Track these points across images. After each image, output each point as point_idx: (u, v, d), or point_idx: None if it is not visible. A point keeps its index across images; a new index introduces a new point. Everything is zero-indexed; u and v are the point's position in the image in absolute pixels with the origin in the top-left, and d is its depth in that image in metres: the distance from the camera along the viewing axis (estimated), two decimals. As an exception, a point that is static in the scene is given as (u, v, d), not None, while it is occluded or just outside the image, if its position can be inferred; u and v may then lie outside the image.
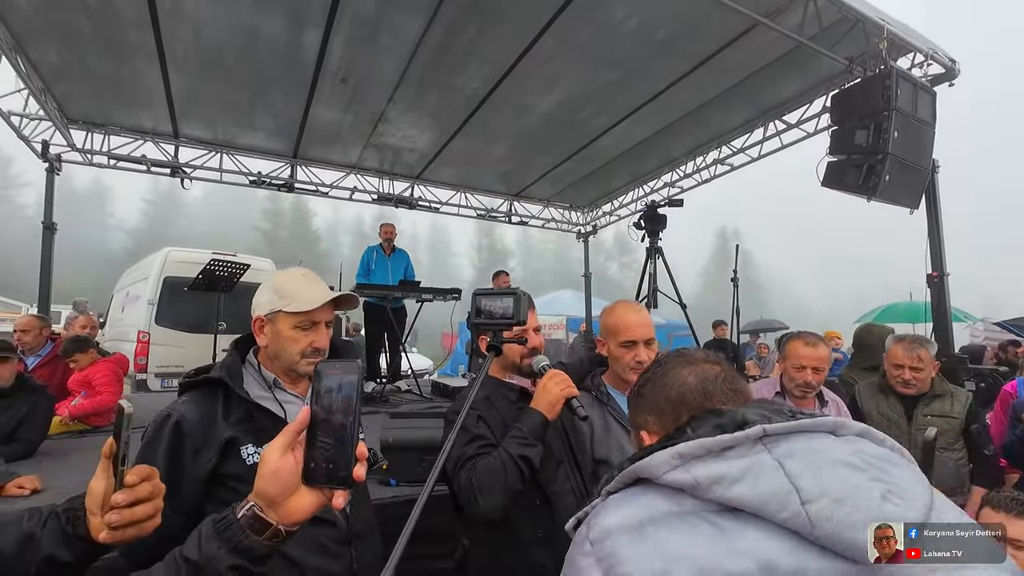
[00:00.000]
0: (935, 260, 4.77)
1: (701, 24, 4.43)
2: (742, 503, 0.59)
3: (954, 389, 2.56)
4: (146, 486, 0.75)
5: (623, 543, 0.62)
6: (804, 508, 0.56)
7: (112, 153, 6.42)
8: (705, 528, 0.60)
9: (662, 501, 0.64)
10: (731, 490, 0.60)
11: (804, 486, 0.58)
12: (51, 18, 4.30)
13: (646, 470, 0.67)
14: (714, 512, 0.61)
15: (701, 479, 0.62)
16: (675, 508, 0.63)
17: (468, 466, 1.43)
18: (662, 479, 0.65)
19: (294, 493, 0.67)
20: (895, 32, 4.34)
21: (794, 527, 0.56)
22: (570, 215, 10.14)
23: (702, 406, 0.80)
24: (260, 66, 5.00)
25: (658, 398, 0.87)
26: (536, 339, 1.64)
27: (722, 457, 0.63)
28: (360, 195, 8.13)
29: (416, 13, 4.28)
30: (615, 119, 6.21)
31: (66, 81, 5.30)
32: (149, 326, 6.66)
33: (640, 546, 0.61)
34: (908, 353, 2.48)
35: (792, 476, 0.59)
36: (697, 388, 0.83)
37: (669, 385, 0.86)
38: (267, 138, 6.81)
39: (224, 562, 0.65)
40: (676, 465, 0.65)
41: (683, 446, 0.65)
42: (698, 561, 0.56)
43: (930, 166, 4.57)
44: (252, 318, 1.34)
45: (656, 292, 5.29)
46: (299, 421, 0.68)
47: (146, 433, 1.19)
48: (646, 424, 0.88)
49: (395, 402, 4.98)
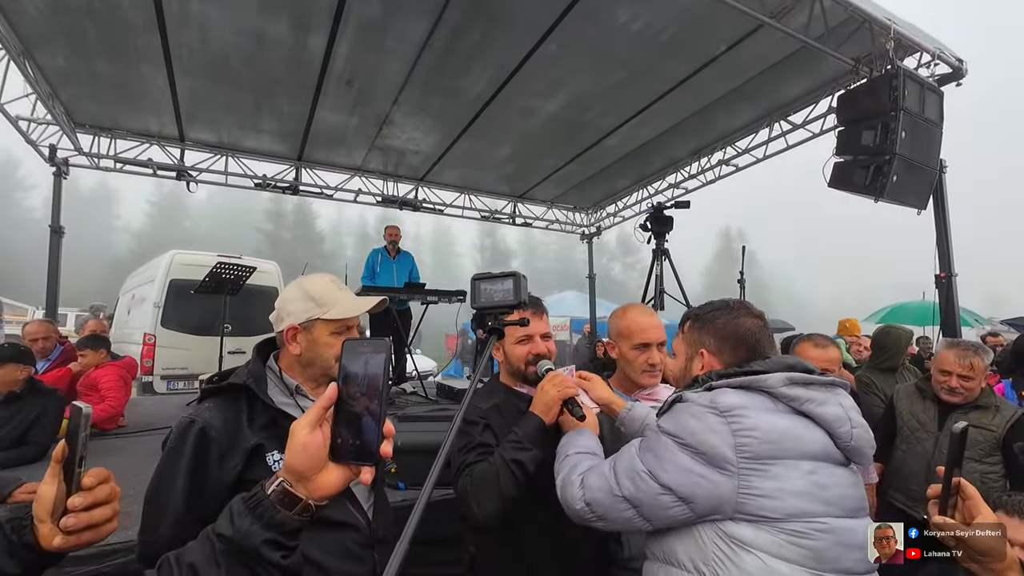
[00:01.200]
0: (943, 261, 4.73)
1: (706, 25, 4.42)
2: (821, 417, 1.06)
3: (1000, 402, 2.42)
4: (104, 488, 0.73)
5: (747, 414, 1.03)
6: (852, 430, 1.07)
7: (118, 157, 6.46)
8: (795, 421, 1.06)
9: (767, 400, 1.07)
10: (818, 408, 1.07)
11: (852, 417, 1.09)
12: (58, 23, 4.33)
13: (762, 383, 1.08)
14: (795, 414, 1.07)
15: (800, 396, 1.07)
16: (774, 407, 1.07)
17: (465, 472, 1.41)
18: (775, 390, 1.07)
19: (322, 469, 0.69)
20: (902, 32, 4.31)
21: (839, 436, 1.06)
22: (574, 216, 10.13)
23: (753, 346, 1.21)
24: (265, 69, 5.02)
25: (728, 330, 1.23)
26: (544, 345, 1.61)
27: (809, 388, 1.09)
28: (364, 197, 8.16)
29: (421, 16, 4.29)
30: (619, 121, 6.20)
31: (73, 85, 5.33)
32: (155, 328, 6.67)
33: (760, 418, 1.03)
34: (960, 360, 2.36)
35: (846, 409, 1.10)
36: (754, 332, 1.22)
37: (738, 324, 1.23)
38: (272, 141, 6.83)
39: (259, 536, 0.66)
40: (787, 384, 1.07)
41: (793, 375, 1.09)
42: (795, 434, 1.03)
43: (937, 166, 4.54)
44: (282, 327, 1.32)
45: (662, 293, 5.27)
46: (327, 397, 0.69)
47: (169, 439, 1.18)
48: (707, 344, 1.26)
49: (401, 404, 4.97)
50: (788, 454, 1.00)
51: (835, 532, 0.98)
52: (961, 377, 2.37)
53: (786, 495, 0.97)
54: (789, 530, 0.96)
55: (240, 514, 0.69)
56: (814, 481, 0.99)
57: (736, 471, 0.98)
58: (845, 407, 1.09)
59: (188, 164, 6.85)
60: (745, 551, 0.97)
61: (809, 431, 1.04)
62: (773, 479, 0.98)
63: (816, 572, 0.96)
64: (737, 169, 7.32)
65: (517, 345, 1.60)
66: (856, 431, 1.06)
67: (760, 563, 0.95)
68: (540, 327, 1.62)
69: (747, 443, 0.99)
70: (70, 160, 6.21)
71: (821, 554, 0.96)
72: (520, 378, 1.62)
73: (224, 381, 1.25)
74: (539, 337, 1.60)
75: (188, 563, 0.68)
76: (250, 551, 0.67)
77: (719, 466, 0.99)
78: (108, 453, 3.28)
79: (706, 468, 1.00)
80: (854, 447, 1.06)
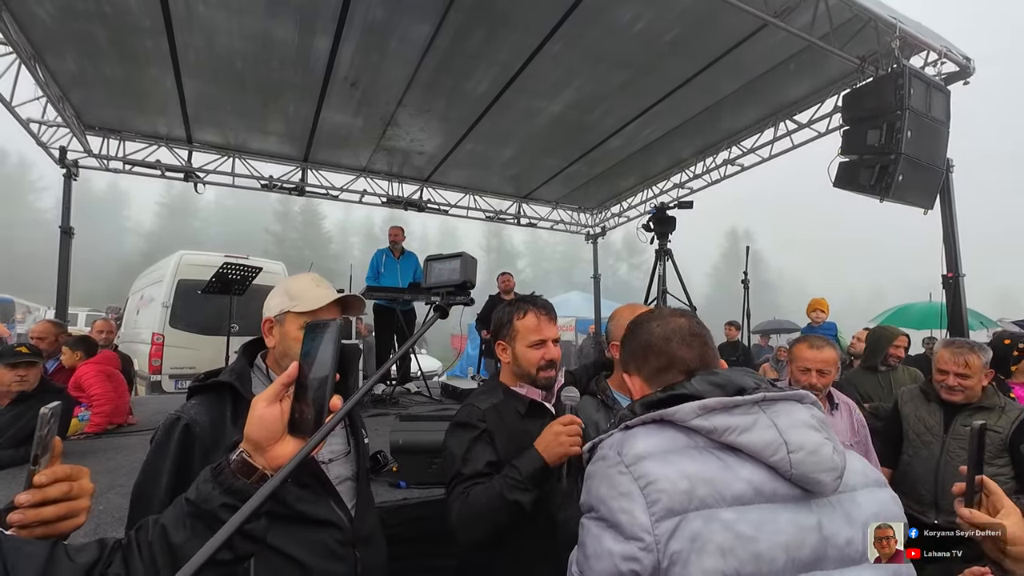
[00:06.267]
0: (950, 260, 4.69)
1: (709, 25, 4.41)
2: (746, 447, 0.84)
3: (1006, 402, 2.41)
4: (60, 487, 0.75)
5: (653, 465, 0.83)
6: (789, 455, 0.82)
7: (127, 158, 6.54)
8: (714, 459, 0.84)
9: (681, 436, 0.88)
10: (740, 437, 0.84)
11: (790, 440, 0.83)
12: (69, 27, 4.40)
13: (672, 415, 0.89)
14: (719, 449, 0.86)
15: (718, 426, 0.86)
16: (691, 443, 0.87)
17: (462, 494, 1.41)
18: (687, 423, 0.87)
19: (279, 441, 0.74)
20: (907, 30, 4.28)
21: (776, 466, 0.83)
22: (579, 217, 10.13)
23: (663, 351, 1.03)
24: (271, 72, 5.08)
25: (636, 342, 1.09)
26: (555, 351, 1.61)
27: (731, 412, 0.87)
28: (370, 198, 8.21)
29: (424, 18, 4.31)
30: (624, 121, 6.20)
31: (83, 88, 5.42)
32: (163, 328, 6.76)
33: (667, 467, 0.83)
34: (955, 358, 2.36)
35: (782, 432, 0.84)
36: (663, 336, 1.04)
37: (646, 332, 1.07)
38: (278, 142, 6.90)
39: (217, 500, 0.72)
40: (699, 414, 0.87)
41: (707, 401, 0.87)
42: (712, 482, 0.81)
43: (944, 166, 4.50)
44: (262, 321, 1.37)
45: (665, 294, 5.26)
46: (287, 374, 0.75)
47: (156, 436, 1.20)
48: (627, 367, 1.11)
49: (405, 404, 5.01)
50: (703, 503, 0.79)
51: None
52: (958, 375, 2.36)
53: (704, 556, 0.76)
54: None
55: (204, 480, 0.74)
56: (737, 533, 0.77)
57: (653, 539, 0.78)
58: (782, 427, 0.84)
59: (196, 165, 6.93)
60: None
61: (730, 470, 0.83)
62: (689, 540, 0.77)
63: None
64: (742, 169, 7.29)
65: (530, 349, 1.59)
66: (796, 456, 0.82)
67: None
68: (551, 332, 1.62)
69: (657, 499, 0.80)
70: (80, 162, 6.30)
71: None
72: (529, 380, 1.62)
73: (210, 379, 1.28)
74: (551, 342, 1.61)
75: (161, 524, 0.73)
76: (208, 514, 0.71)
77: (639, 538, 0.79)
78: (116, 450, 3.34)
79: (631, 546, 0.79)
80: (798, 475, 0.82)
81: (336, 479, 1.34)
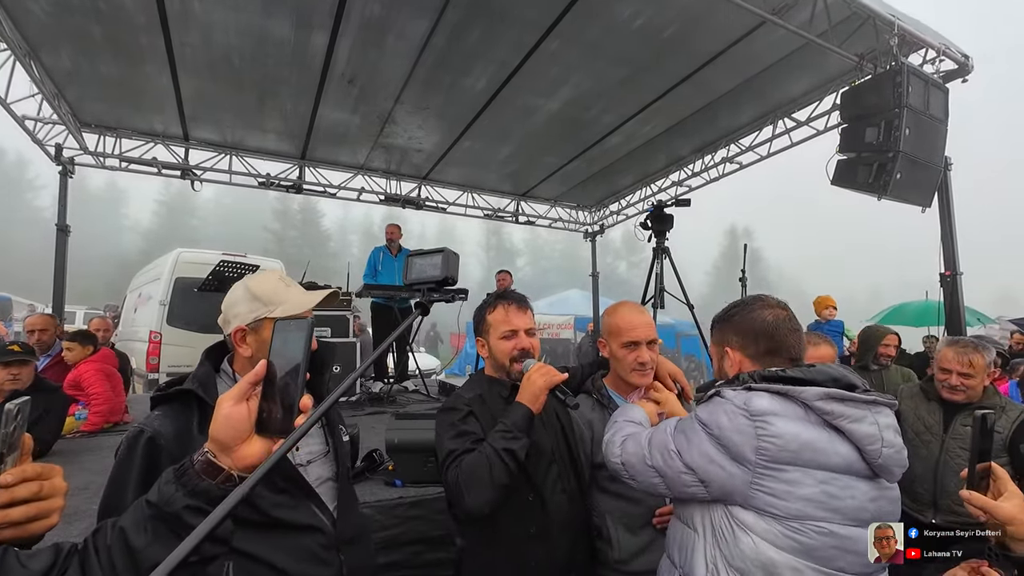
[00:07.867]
0: (948, 258, 4.69)
1: (707, 22, 4.40)
2: (852, 434, 1.11)
3: (1006, 402, 2.40)
4: (29, 487, 0.71)
5: (774, 420, 1.10)
6: (882, 449, 1.11)
7: (124, 156, 6.52)
8: (825, 434, 1.11)
9: (799, 410, 1.12)
10: (850, 424, 1.11)
11: (886, 437, 1.12)
12: (64, 24, 4.37)
13: (799, 393, 1.12)
14: (826, 427, 1.11)
15: (835, 411, 1.11)
16: (807, 417, 1.12)
17: (455, 463, 1.40)
18: (810, 403, 1.11)
19: (245, 441, 0.71)
20: (906, 28, 4.27)
21: (868, 453, 1.11)
22: (577, 214, 10.12)
23: (771, 335, 1.25)
24: (268, 68, 5.05)
25: (744, 324, 1.29)
26: (529, 341, 1.60)
27: (846, 404, 1.12)
28: (368, 196, 8.18)
29: (422, 14, 4.29)
30: (621, 118, 6.19)
31: (79, 85, 5.39)
32: (161, 326, 6.74)
33: (789, 427, 1.09)
34: (959, 358, 2.33)
35: (881, 430, 1.13)
36: (770, 323, 1.25)
37: (754, 318, 1.28)
38: (276, 140, 6.87)
39: (180, 502, 0.69)
40: (822, 398, 1.11)
41: (831, 391, 1.12)
42: (817, 446, 1.09)
43: (942, 164, 4.49)
44: (229, 330, 1.28)
45: (663, 292, 5.25)
46: (254, 373, 0.72)
47: (119, 451, 1.15)
48: (730, 341, 1.32)
49: (402, 402, 5.00)
50: (805, 463, 1.07)
51: (835, 536, 1.06)
52: (961, 375, 2.33)
53: (793, 498, 1.06)
54: (788, 525, 1.06)
55: (167, 482, 0.71)
56: (824, 490, 1.07)
57: (752, 469, 1.08)
58: (881, 426, 1.13)
59: (193, 163, 6.90)
60: (743, 532, 1.10)
61: (834, 444, 1.10)
62: (784, 482, 1.07)
63: (806, 564, 1.06)
64: (741, 167, 7.28)
65: (502, 340, 1.59)
66: (887, 451, 1.11)
67: (752, 544, 1.08)
68: (524, 322, 1.61)
69: (767, 447, 1.08)
70: (76, 159, 6.26)
71: (813, 551, 1.05)
72: (504, 374, 1.61)
73: (173, 388, 1.22)
74: (523, 332, 1.59)
75: (119, 527, 0.71)
76: (172, 517, 0.69)
77: (738, 461, 1.10)
78: (111, 449, 3.32)
79: (726, 460, 1.11)
80: (881, 465, 1.11)
81: (316, 481, 1.31)
